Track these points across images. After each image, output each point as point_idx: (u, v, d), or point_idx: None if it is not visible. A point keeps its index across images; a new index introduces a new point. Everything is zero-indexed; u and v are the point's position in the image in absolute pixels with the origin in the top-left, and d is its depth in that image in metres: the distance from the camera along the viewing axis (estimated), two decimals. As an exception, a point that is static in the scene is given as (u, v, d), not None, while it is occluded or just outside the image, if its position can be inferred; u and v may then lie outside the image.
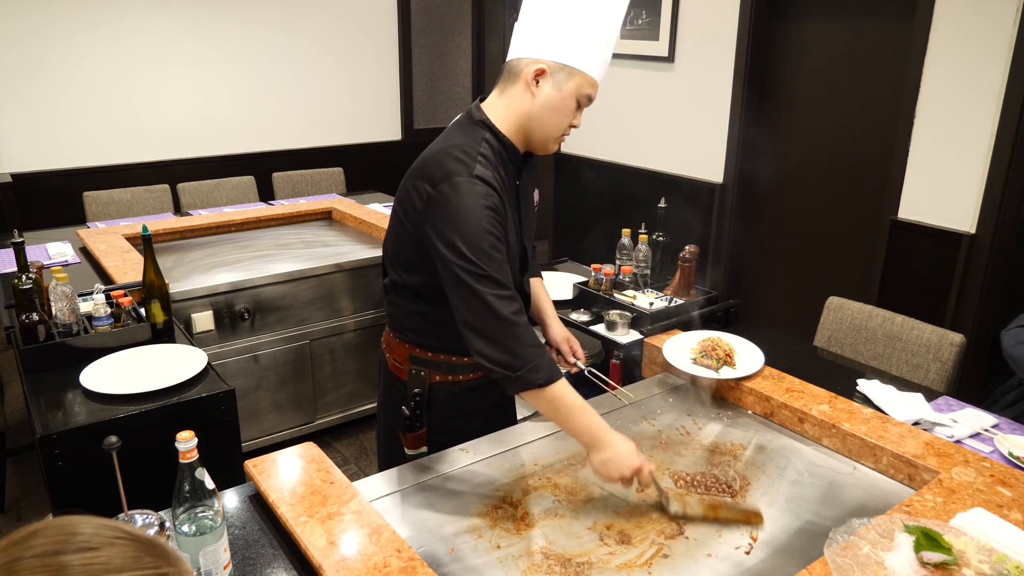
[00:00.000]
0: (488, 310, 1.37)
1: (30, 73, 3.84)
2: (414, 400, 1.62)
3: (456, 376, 1.63)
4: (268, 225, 3.55)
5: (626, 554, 1.31)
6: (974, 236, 2.90)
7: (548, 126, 1.48)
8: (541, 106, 1.46)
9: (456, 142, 1.46)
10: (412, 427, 1.63)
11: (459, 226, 1.37)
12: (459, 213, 1.38)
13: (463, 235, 1.37)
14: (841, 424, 1.62)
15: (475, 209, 1.38)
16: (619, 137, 4.33)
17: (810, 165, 3.61)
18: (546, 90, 1.45)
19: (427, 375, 1.62)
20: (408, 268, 1.55)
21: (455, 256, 1.37)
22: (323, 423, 3.21)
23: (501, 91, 1.51)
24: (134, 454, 1.49)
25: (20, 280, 1.92)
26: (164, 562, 0.69)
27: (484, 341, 1.39)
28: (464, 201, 1.38)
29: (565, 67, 1.44)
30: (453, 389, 1.64)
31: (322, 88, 4.80)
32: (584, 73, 1.45)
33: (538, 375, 1.38)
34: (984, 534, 1.24)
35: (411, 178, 1.48)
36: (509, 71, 1.49)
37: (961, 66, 2.86)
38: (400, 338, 1.64)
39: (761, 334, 2.14)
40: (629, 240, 2.58)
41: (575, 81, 1.45)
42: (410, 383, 1.63)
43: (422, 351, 1.61)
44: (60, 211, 3.90)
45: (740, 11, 3.60)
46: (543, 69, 1.43)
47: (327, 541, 1.23)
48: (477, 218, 1.38)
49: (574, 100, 1.47)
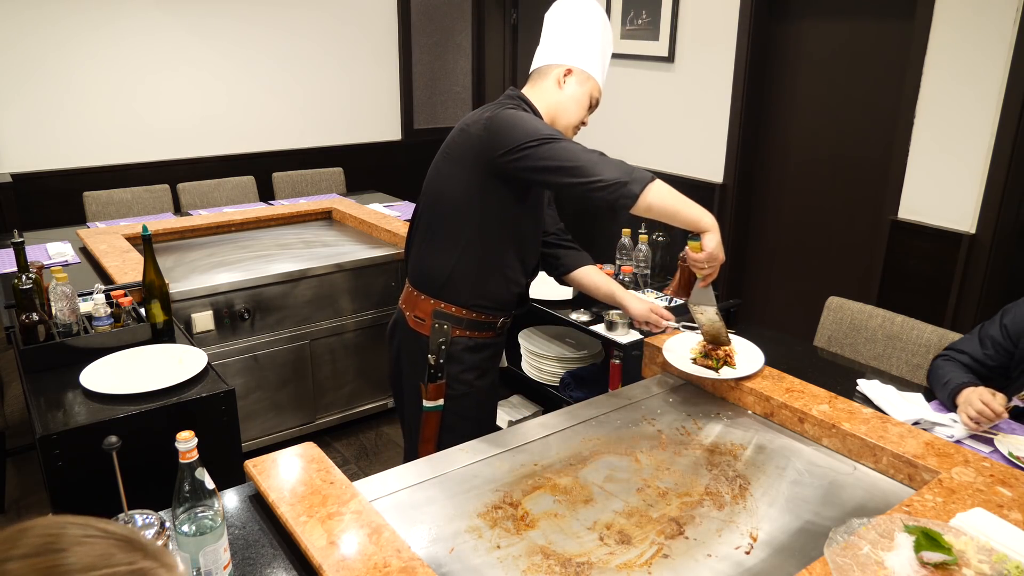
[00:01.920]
0: (581, 149, 1.61)
1: (30, 73, 3.84)
2: (438, 351, 1.79)
3: (475, 332, 1.81)
4: (268, 225, 3.55)
5: (626, 554, 1.31)
6: (974, 236, 2.90)
7: (570, 114, 1.83)
8: (568, 98, 1.81)
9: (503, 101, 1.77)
10: (435, 377, 1.80)
11: (526, 121, 1.65)
12: (520, 117, 1.66)
13: (532, 124, 1.64)
14: (841, 424, 1.62)
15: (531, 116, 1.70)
16: (619, 137, 4.33)
17: (810, 165, 3.61)
18: (571, 86, 1.81)
19: (449, 329, 1.79)
20: (453, 213, 1.74)
21: (532, 140, 1.60)
22: (323, 423, 3.21)
23: (532, 85, 1.84)
24: (134, 454, 1.49)
25: (20, 280, 1.92)
26: (140, 555, 0.67)
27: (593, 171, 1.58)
28: (520, 112, 1.70)
29: (584, 71, 1.82)
30: (470, 344, 1.82)
31: (322, 88, 4.80)
32: (595, 80, 1.84)
33: (645, 173, 1.62)
34: (984, 534, 1.24)
35: (463, 124, 1.74)
36: (540, 72, 1.84)
37: (961, 66, 2.86)
38: (426, 293, 1.80)
39: (761, 334, 2.14)
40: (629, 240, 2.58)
41: (590, 84, 1.83)
42: (434, 336, 1.79)
43: (447, 306, 1.78)
44: (60, 211, 3.90)
45: (740, 11, 3.60)
46: (570, 70, 1.81)
47: (327, 541, 1.23)
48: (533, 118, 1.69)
49: (588, 98, 1.83)
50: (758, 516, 1.42)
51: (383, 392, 3.36)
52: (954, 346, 1.97)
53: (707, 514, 1.42)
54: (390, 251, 3.18)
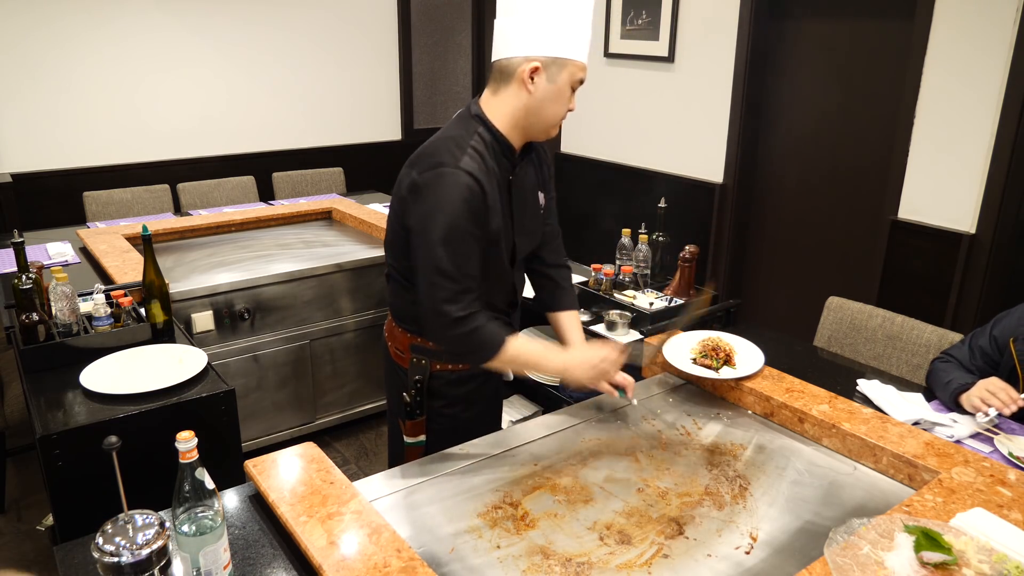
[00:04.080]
0: (433, 301, 1.48)
1: (30, 73, 3.84)
2: (415, 387, 1.69)
3: (456, 365, 1.70)
4: (268, 225, 3.55)
5: (626, 554, 1.31)
6: (974, 236, 2.90)
7: (548, 116, 1.56)
8: (539, 100, 1.53)
9: (451, 134, 1.55)
10: (412, 414, 1.70)
11: (433, 215, 1.46)
12: (436, 202, 1.46)
13: (434, 224, 1.46)
14: (841, 424, 1.62)
15: (452, 201, 1.46)
16: (619, 137, 4.33)
17: (810, 165, 3.61)
18: (542, 85, 1.52)
19: (427, 363, 1.69)
20: (402, 254, 1.60)
21: (423, 242, 1.47)
22: (323, 423, 3.21)
23: (495, 90, 1.57)
24: (134, 454, 1.49)
25: (20, 280, 1.92)
26: None
27: (430, 329, 1.54)
28: (442, 191, 1.46)
29: (557, 60, 1.50)
30: (452, 377, 1.71)
31: (322, 88, 4.80)
32: (574, 61, 1.52)
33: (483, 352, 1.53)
34: (984, 534, 1.24)
35: (406, 167, 1.58)
36: (501, 71, 1.55)
37: (961, 66, 2.86)
38: (402, 327, 1.71)
39: (761, 334, 2.14)
40: (629, 240, 2.58)
41: (567, 71, 1.52)
42: (411, 371, 1.70)
43: (423, 340, 1.67)
44: (60, 211, 3.90)
45: (740, 11, 3.60)
46: (537, 67, 1.50)
47: (327, 541, 1.23)
48: (451, 210, 1.45)
49: (568, 88, 1.54)
50: (758, 516, 1.42)
51: (383, 392, 3.36)
52: (948, 352, 1.98)
53: (707, 514, 1.42)
54: (390, 251, 3.18)
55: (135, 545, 1.08)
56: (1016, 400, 1.69)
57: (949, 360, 1.93)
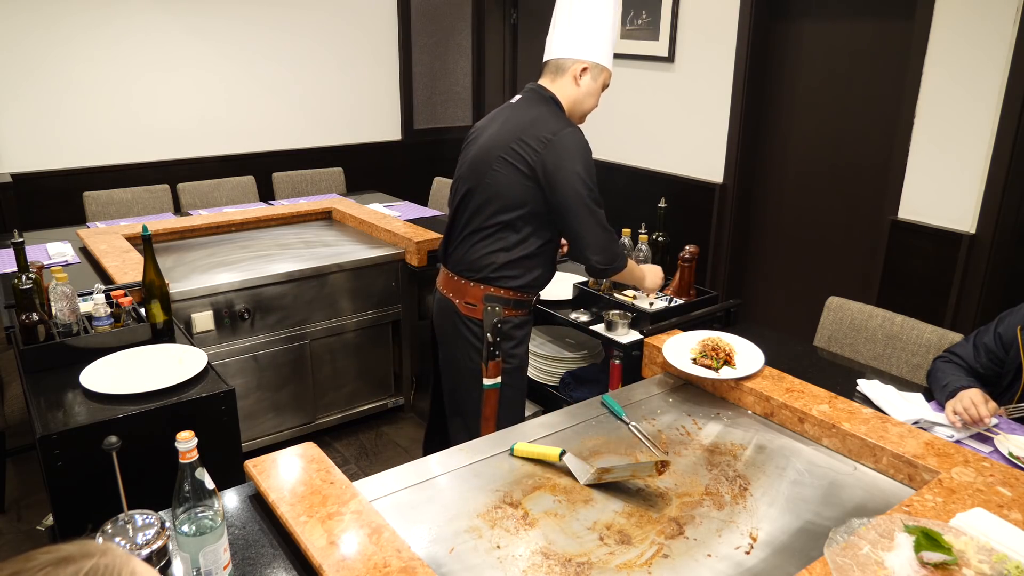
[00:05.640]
0: (601, 226, 1.92)
1: (30, 73, 3.84)
2: (494, 330, 1.96)
3: (518, 311, 2.02)
4: (268, 225, 3.55)
5: (626, 554, 1.31)
6: (974, 236, 2.90)
7: (585, 107, 2.02)
8: (584, 93, 1.98)
9: (546, 108, 1.95)
10: (493, 355, 1.98)
11: (580, 160, 1.87)
12: (578, 150, 1.88)
13: (584, 167, 1.87)
14: (841, 424, 1.62)
15: (587, 150, 1.90)
16: (619, 137, 4.33)
17: (810, 165, 3.61)
18: (587, 82, 1.97)
19: (500, 310, 1.97)
20: (513, 204, 1.93)
21: (579, 183, 1.86)
22: (323, 423, 3.21)
23: (552, 80, 1.99)
24: (134, 454, 1.49)
25: (20, 280, 1.92)
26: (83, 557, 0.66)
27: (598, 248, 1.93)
28: (580, 143, 1.89)
29: (598, 65, 1.97)
30: (517, 321, 2.03)
31: (322, 88, 4.80)
32: (607, 68, 1.99)
33: (622, 264, 2.03)
34: (984, 534, 1.24)
35: (517, 136, 1.91)
36: (556, 66, 1.98)
37: (961, 66, 2.86)
38: (475, 281, 1.99)
39: (761, 334, 2.14)
40: (629, 240, 2.58)
41: (604, 75, 2.00)
42: (487, 319, 1.97)
43: (496, 290, 1.97)
44: (60, 211, 3.89)
45: (740, 11, 3.59)
46: (585, 68, 1.95)
47: (327, 541, 1.23)
48: (588, 156, 1.90)
49: (600, 88, 2.01)
50: (758, 516, 1.42)
51: (383, 392, 3.36)
52: (951, 350, 1.97)
53: (707, 514, 1.42)
54: (390, 251, 3.18)
55: (135, 545, 1.08)
56: (983, 419, 1.65)
57: (951, 359, 1.93)
